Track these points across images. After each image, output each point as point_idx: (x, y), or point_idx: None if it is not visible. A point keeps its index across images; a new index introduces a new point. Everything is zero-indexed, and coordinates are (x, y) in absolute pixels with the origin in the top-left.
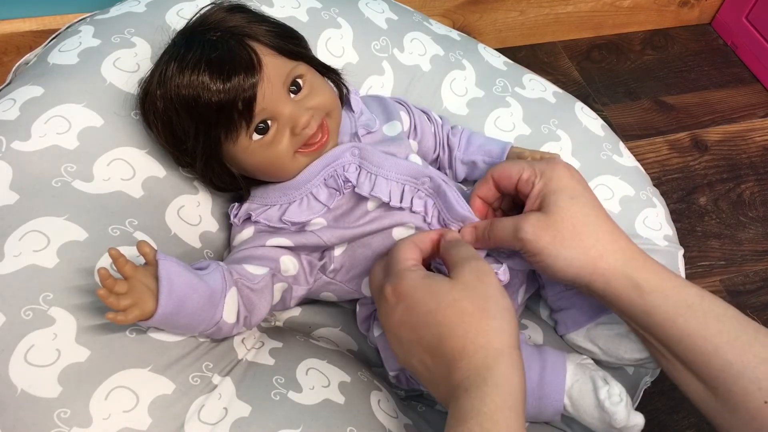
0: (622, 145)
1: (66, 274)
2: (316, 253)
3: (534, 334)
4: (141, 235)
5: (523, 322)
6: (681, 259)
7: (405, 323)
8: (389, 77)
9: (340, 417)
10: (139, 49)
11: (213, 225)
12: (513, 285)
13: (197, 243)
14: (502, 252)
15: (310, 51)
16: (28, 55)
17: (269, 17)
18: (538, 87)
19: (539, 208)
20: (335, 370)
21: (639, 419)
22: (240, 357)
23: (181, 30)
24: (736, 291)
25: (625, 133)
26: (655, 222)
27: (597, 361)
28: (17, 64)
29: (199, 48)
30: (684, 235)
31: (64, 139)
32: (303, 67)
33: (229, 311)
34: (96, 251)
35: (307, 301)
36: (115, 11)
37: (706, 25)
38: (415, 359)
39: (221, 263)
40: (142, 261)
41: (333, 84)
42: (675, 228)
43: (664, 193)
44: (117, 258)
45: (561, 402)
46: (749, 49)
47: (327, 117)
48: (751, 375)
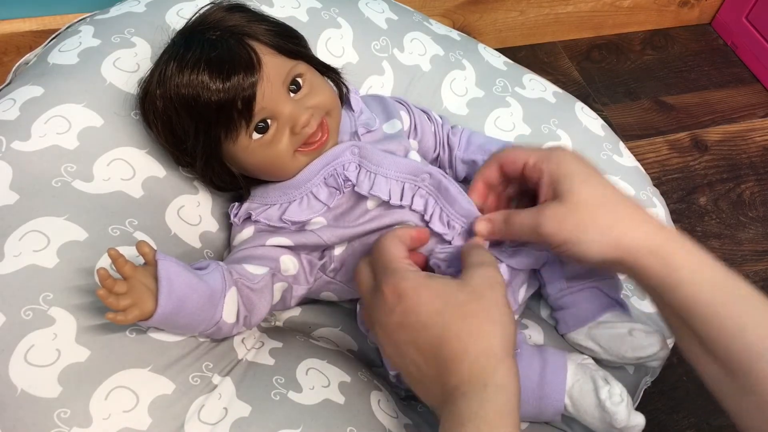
0: (622, 145)
1: (66, 274)
2: (316, 253)
3: (534, 333)
4: (141, 235)
5: (524, 321)
6: None
7: (402, 323)
8: (389, 77)
9: (340, 417)
10: (139, 49)
11: (213, 225)
12: (514, 284)
13: (197, 243)
14: (503, 251)
15: (309, 50)
16: (28, 55)
17: (268, 16)
18: (538, 87)
19: (553, 196)
20: (335, 370)
21: (640, 419)
22: (240, 357)
23: (181, 29)
24: None
25: (625, 133)
26: None
27: (598, 360)
28: (17, 64)
29: (199, 47)
30: None
31: (64, 139)
32: (303, 66)
33: (229, 311)
34: (96, 251)
35: (307, 301)
36: (115, 11)
37: (706, 25)
38: (408, 360)
39: (221, 263)
40: (141, 261)
41: (333, 83)
42: (675, 228)
43: (664, 193)
44: (116, 258)
45: (561, 402)
46: (749, 49)
47: (327, 116)
48: None
